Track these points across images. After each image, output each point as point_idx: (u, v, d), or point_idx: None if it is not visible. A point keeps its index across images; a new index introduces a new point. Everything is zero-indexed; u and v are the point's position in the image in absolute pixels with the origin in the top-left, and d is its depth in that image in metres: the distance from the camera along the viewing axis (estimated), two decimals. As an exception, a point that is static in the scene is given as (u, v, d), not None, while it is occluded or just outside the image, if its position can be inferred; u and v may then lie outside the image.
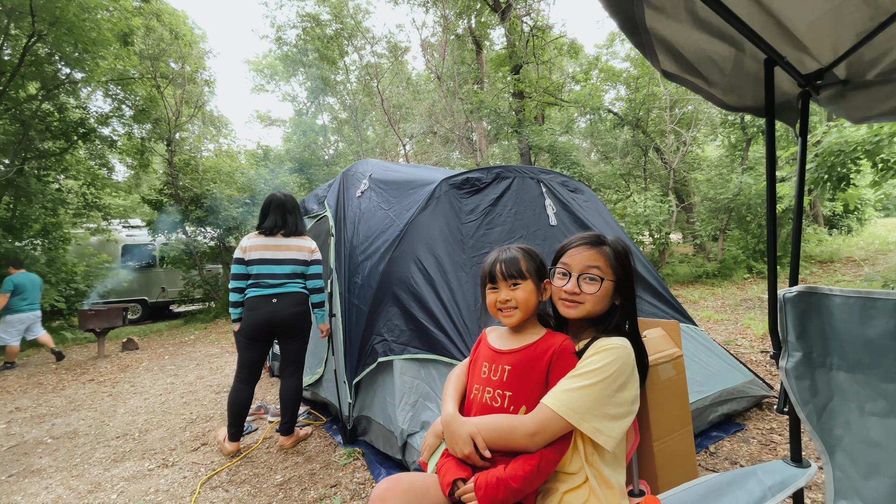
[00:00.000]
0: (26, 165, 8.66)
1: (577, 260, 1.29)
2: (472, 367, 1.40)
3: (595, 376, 1.14)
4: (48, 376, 5.74)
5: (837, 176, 5.82)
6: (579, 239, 1.33)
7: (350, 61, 18.52)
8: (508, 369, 1.27)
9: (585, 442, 1.18)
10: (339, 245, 3.29)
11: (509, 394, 1.24)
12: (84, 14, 7.85)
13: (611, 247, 1.30)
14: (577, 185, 3.52)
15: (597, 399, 1.13)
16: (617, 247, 1.31)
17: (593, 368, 1.15)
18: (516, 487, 1.12)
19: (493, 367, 1.30)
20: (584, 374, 1.15)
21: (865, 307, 1.04)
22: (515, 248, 1.35)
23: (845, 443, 1.13)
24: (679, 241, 12.51)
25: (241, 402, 2.88)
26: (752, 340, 4.74)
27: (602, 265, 1.27)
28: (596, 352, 1.18)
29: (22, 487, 2.77)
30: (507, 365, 1.27)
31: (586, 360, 1.18)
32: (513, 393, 1.24)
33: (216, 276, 11.40)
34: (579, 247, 1.31)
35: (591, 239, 1.32)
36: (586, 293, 1.26)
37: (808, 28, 1.06)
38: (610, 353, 1.17)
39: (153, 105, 10.32)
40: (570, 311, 1.29)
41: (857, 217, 15.14)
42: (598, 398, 1.13)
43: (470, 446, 1.18)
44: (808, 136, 4.98)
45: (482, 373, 1.32)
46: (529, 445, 1.14)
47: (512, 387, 1.24)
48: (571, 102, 12.03)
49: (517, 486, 1.12)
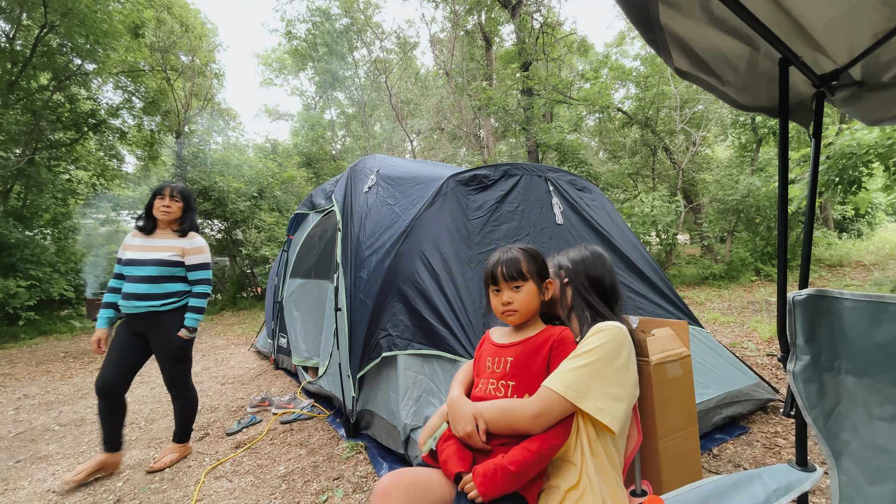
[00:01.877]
0: (37, 155, 8.75)
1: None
2: (477, 364, 1.43)
3: (592, 355, 1.18)
4: (56, 364, 5.81)
5: (848, 179, 5.75)
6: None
7: (359, 56, 18.51)
8: (511, 360, 1.31)
9: (587, 429, 1.19)
10: (345, 240, 3.30)
11: (512, 383, 1.27)
12: (96, 5, 7.90)
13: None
14: (584, 184, 3.50)
15: (596, 377, 1.16)
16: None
17: (590, 348, 1.20)
18: (514, 471, 1.13)
19: (496, 360, 1.34)
20: (581, 355, 1.20)
21: (875, 311, 1.03)
22: (517, 249, 1.38)
23: (852, 447, 1.12)
24: (686, 242, 12.43)
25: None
26: (758, 343, 4.71)
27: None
28: (592, 333, 1.23)
29: (29, 473, 2.81)
30: (510, 356, 1.31)
31: (583, 343, 1.23)
32: (516, 383, 1.27)
33: (223, 268, 11.48)
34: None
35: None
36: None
37: (825, 28, 1.05)
38: (604, 334, 1.21)
39: (163, 97, 10.39)
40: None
41: (868, 221, 14.96)
42: (598, 376, 1.16)
43: (472, 424, 1.21)
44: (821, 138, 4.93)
45: (486, 367, 1.36)
46: (532, 427, 1.16)
47: (515, 376, 1.28)
48: (580, 100, 11.95)
49: (515, 471, 1.13)
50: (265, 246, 10.29)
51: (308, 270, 4.51)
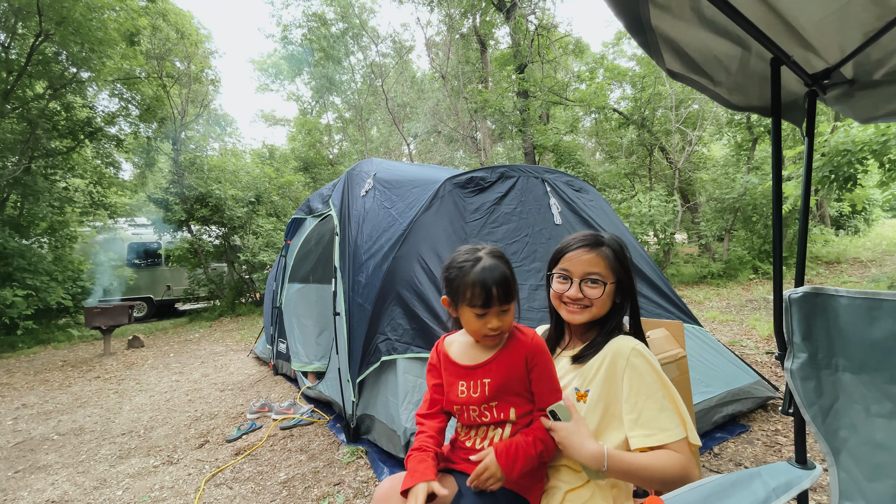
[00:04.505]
0: (33, 164, 8.74)
1: (577, 264, 1.25)
2: (446, 384, 1.29)
3: (657, 385, 1.14)
4: (55, 373, 5.78)
5: (844, 176, 5.77)
6: (578, 241, 1.28)
7: (355, 60, 18.54)
8: (489, 382, 1.20)
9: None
10: (343, 244, 3.30)
11: (495, 404, 1.21)
12: (91, 14, 7.91)
13: (610, 247, 1.26)
14: (581, 185, 3.51)
15: (672, 399, 1.14)
16: (615, 246, 1.27)
17: (650, 379, 1.14)
18: (535, 453, 1.15)
19: (470, 384, 1.22)
20: (650, 391, 1.14)
21: (872, 308, 1.03)
22: (499, 263, 1.18)
23: (850, 444, 1.12)
24: (684, 241, 12.44)
25: None
26: (757, 341, 4.72)
27: (603, 269, 1.24)
28: (634, 369, 1.15)
29: (28, 483, 2.80)
30: (486, 378, 1.21)
31: (635, 380, 1.15)
32: (498, 402, 1.21)
33: (221, 274, 11.46)
34: (578, 249, 1.26)
35: (589, 240, 1.27)
36: (590, 297, 1.23)
37: (815, 27, 1.05)
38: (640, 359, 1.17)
39: (159, 104, 10.38)
40: (576, 316, 1.25)
41: (865, 217, 15.02)
42: (672, 398, 1.14)
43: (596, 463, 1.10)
44: (815, 136, 4.95)
45: (460, 392, 1.23)
46: (686, 481, 1.08)
47: (496, 396, 1.21)
48: (576, 101, 11.99)
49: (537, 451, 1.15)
50: (263, 251, 10.28)
51: (306, 275, 4.51)
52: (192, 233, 10.90)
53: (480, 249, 1.22)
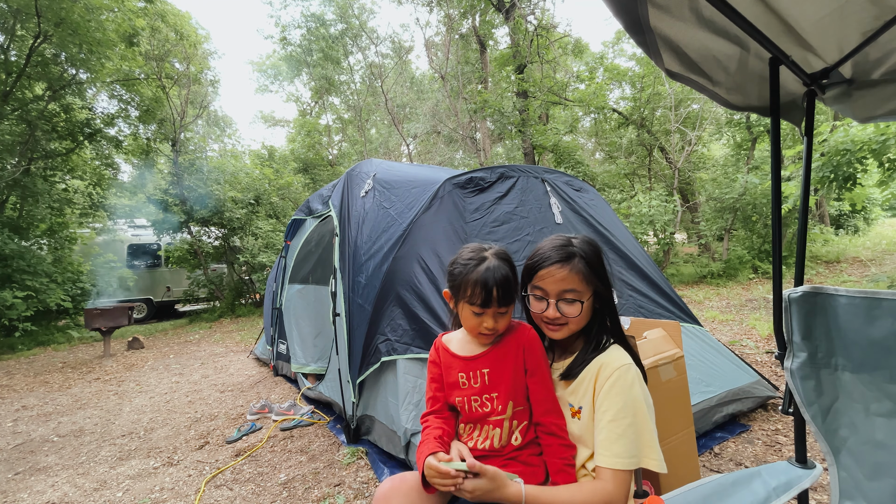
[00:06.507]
0: (33, 165, 8.73)
1: (551, 283, 1.20)
2: (446, 377, 1.32)
3: (628, 412, 1.11)
4: (54, 375, 5.78)
5: (843, 175, 5.77)
6: (550, 257, 1.21)
7: (354, 61, 18.54)
8: (487, 372, 1.24)
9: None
10: (343, 245, 3.30)
11: (495, 394, 1.23)
12: (89, 15, 7.91)
13: (582, 258, 1.20)
14: (581, 185, 3.51)
15: (642, 430, 1.11)
16: (588, 254, 1.22)
17: (622, 405, 1.11)
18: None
19: (469, 374, 1.26)
20: (617, 417, 1.11)
21: (871, 307, 1.03)
22: (503, 265, 1.20)
23: (850, 444, 1.12)
24: (684, 241, 12.44)
25: None
26: (757, 341, 4.72)
27: (577, 285, 1.18)
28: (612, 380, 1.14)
29: (28, 485, 2.79)
30: (484, 368, 1.25)
31: (608, 395, 1.13)
32: (498, 393, 1.23)
33: (221, 275, 11.46)
34: (550, 267, 1.20)
35: (561, 255, 1.20)
36: (568, 315, 1.20)
37: (814, 27, 1.06)
38: (623, 380, 1.13)
39: (158, 105, 10.38)
40: (556, 333, 1.24)
41: (864, 217, 15.02)
42: (643, 428, 1.11)
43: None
44: (814, 135, 4.95)
45: (461, 384, 1.27)
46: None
47: (496, 387, 1.24)
48: (576, 102, 11.99)
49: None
50: (263, 253, 10.28)
51: (306, 276, 4.51)
52: (191, 234, 10.90)
53: (488, 249, 1.24)
